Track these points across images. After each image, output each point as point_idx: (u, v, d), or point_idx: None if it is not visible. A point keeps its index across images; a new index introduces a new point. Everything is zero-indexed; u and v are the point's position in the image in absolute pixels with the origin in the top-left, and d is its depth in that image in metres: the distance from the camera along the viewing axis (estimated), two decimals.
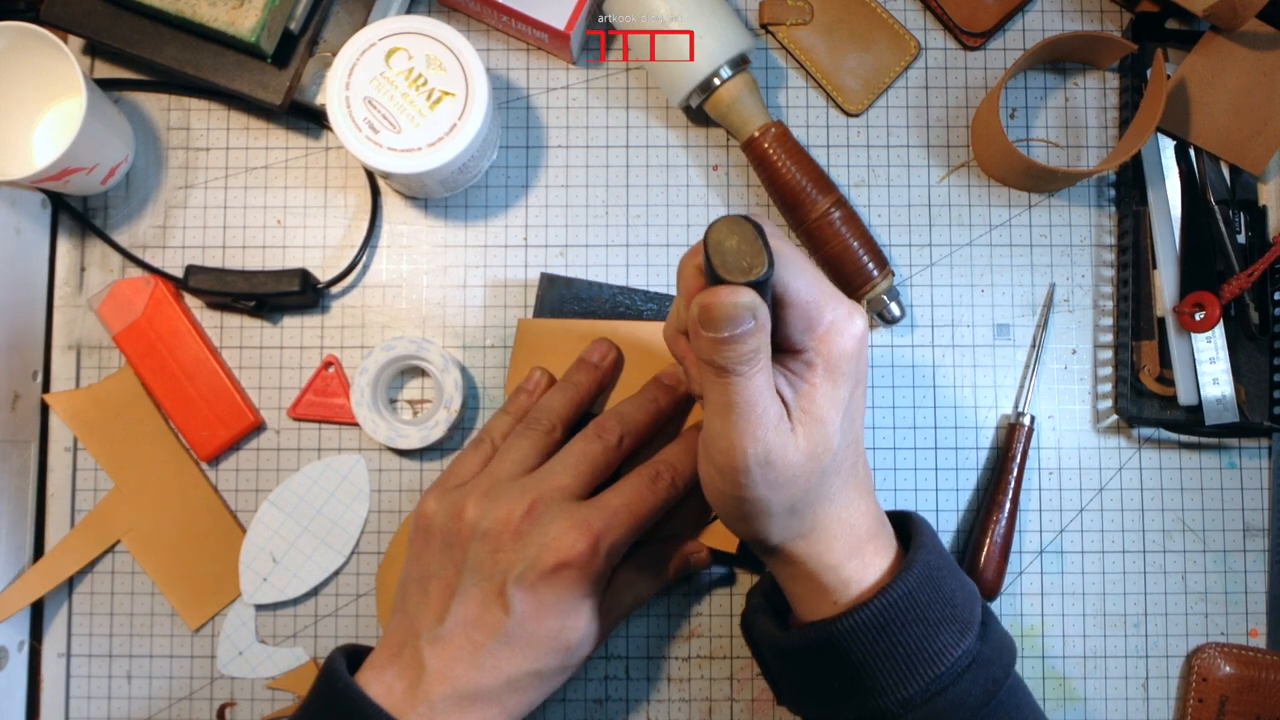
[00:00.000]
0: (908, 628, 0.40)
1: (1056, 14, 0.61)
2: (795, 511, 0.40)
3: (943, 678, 0.41)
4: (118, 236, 0.59)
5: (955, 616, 0.42)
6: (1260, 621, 0.58)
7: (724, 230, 0.36)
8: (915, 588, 0.41)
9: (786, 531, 0.41)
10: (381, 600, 0.57)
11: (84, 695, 0.57)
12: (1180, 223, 0.58)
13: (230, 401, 0.57)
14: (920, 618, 0.41)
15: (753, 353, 0.37)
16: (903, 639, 0.40)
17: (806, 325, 0.39)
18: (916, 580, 0.41)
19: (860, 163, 0.60)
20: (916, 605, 0.41)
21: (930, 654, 0.41)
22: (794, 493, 0.40)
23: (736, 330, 0.36)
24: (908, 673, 0.40)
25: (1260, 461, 0.59)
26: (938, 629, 0.41)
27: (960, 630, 0.41)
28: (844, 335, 0.40)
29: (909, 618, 0.41)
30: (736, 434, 0.38)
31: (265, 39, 0.53)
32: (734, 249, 0.36)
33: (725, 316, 0.36)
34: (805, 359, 0.39)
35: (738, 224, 0.36)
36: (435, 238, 0.59)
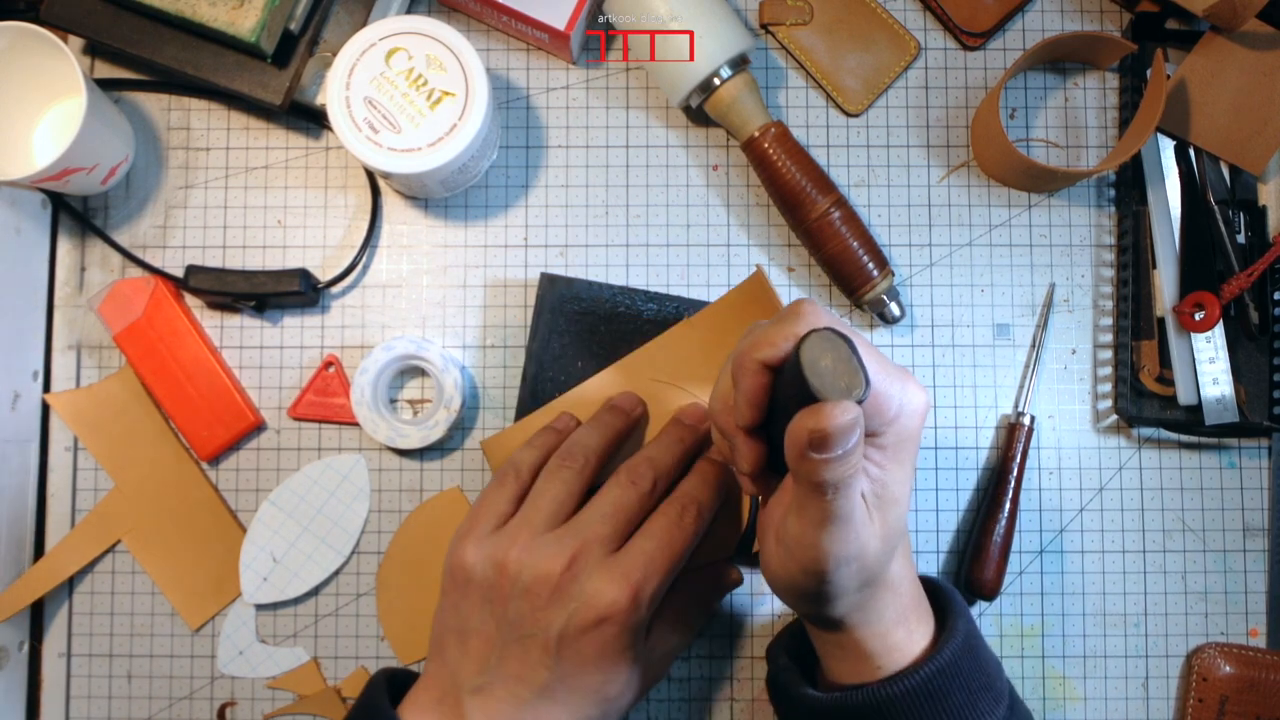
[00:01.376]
0: (952, 695, 0.41)
1: (1056, 14, 0.61)
2: (864, 585, 0.41)
3: None
4: (118, 236, 0.59)
5: (991, 685, 0.43)
6: (1260, 621, 0.58)
7: (818, 349, 0.35)
8: (959, 655, 0.42)
9: (850, 606, 0.41)
10: (382, 600, 0.57)
11: (84, 695, 0.57)
12: (1180, 223, 0.58)
13: (230, 401, 0.57)
14: (964, 685, 0.42)
15: (855, 467, 0.37)
16: (947, 706, 0.41)
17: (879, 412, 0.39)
18: (960, 648, 0.42)
19: (860, 163, 0.60)
20: (960, 673, 0.42)
21: None
22: (866, 576, 0.40)
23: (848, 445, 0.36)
24: None
25: (1260, 461, 0.59)
26: (978, 696, 0.42)
27: (995, 698, 0.43)
28: (912, 415, 0.40)
29: (954, 685, 0.41)
30: (830, 541, 0.38)
31: (265, 39, 0.53)
32: (830, 369, 0.35)
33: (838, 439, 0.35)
34: (879, 443, 0.39)
35: (830, 341, 0.35)
36: (435, 238, 0.59)
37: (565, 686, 0.43)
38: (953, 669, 0.42)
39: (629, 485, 0.47)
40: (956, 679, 0.42)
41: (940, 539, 0.58)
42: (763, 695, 0.57)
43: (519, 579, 0.44)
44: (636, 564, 0.44)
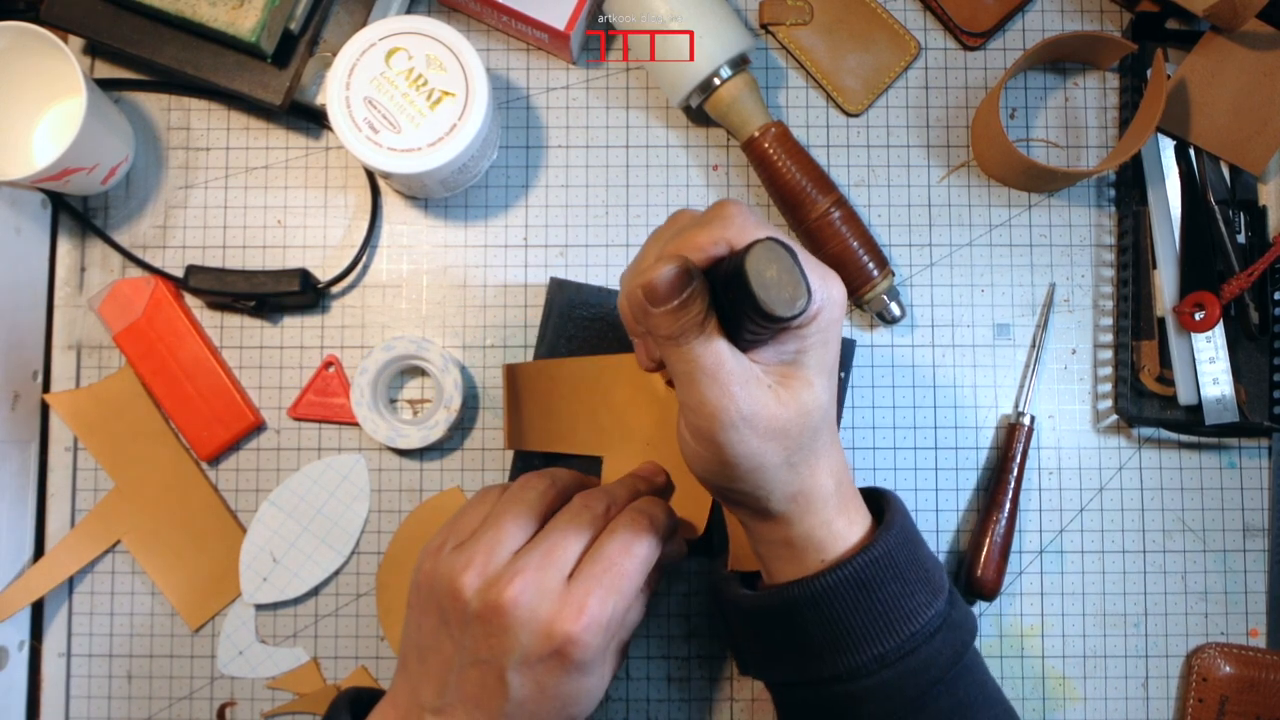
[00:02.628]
0: (887, 584, 0.42)
1: (1056, 14, 0.61)
2: (792, 465, 0.41)
3: (916, 636, 0.42)
4: (118, 236, 0.59)
5: (929, 579, 0.43)
6: (1260, 621, 0.58)
7: (764, 260, 0.35)
8: (894, 547, 0.42)
9: (786, 487, 0.41)
10: (382, 601, 0.57)
11: (84, 695, 0.57)
12: (1180, 223, 0.58)
13: (230, 401, 0.57)
14: (898, 575, 0.42)
15: (700, 314, 0.38)
16: (881, 596, 0.42)
17: None
18: (895, 540, 0.43)
19: (860, 163, 0.60)
20: (895, 564, 0.42)
21: (906, 612, 0.42)
22: (789, 445, 0.40)
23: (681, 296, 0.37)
24: (884, 629, 0.42)
25: (1260, 461, 0.59)
26: (914, 589, 0.42)
27: (933, 592, 0.43)
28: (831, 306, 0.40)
29: (888, 575, 0.42)
30: (712, 395, 0.38)
31: (265, 39, 0.53)
32: (775, 280, 0.35)
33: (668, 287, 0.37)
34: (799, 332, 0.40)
35: (775, 252, 0.35)
36: (435, 238, 0.59)
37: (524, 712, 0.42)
38: (887, 559, 0.42)
39: (582, 509, 0.45)
40: (890, 569, 0.42)
41: (940, 539, 0.58)
42: (763, 695, 0.57)
43: (470, 605, 0.43)
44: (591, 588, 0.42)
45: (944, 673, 0.42)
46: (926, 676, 0.42)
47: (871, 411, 0.59)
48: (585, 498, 0.46)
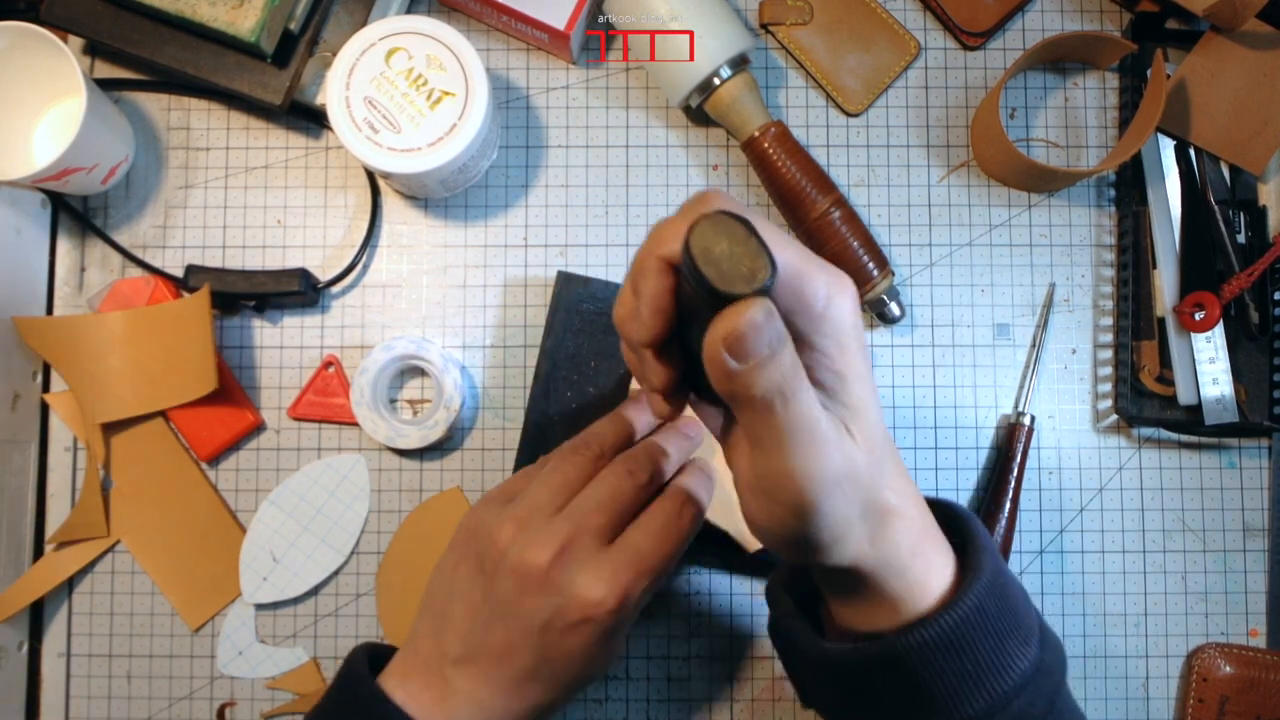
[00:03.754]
0: (978, 643, 0.37)
1: (1056, 14, 0.61)
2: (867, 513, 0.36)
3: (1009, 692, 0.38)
4: (118, 236, 0.59)
5: (1020, 625, 0.38)
6: (1260, 621, 0.58)
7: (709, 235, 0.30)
8: (984, 599, 0.37)
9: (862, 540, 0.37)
10: (382, 601, 0.57)
11: (84, 695, 0.57)
12: (1180, 223, 0.58)
13: (230, 401, 0.57)
14: (990, 631, 0.37)
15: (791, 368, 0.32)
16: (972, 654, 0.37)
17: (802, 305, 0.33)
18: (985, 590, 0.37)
19: (860, 163, 0.60)
20: (986, 618, 0.37)
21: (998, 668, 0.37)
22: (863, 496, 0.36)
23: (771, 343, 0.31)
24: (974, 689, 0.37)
25: (1260, 461, 0.59)
26: (1005, 641, 0.37)
27: (1024, 640, 0.38)
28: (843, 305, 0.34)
29: (980, 632, 0.37)
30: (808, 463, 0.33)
31: (265, 39, 0.53)
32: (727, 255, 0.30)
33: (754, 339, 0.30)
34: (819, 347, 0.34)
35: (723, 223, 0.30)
36: (435, 238, 0.59)
37: (548, 672, 0.43)
38: (978, 615, 0.37)
39: (626, 476, 0.45)
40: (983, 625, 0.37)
41: None
42: (763, 695, 0.57)
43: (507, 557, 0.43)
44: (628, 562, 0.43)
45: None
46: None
47: None
48: (629, 461, 0.46)
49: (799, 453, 0.33)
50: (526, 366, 0.58)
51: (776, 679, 0.57)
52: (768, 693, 0.57)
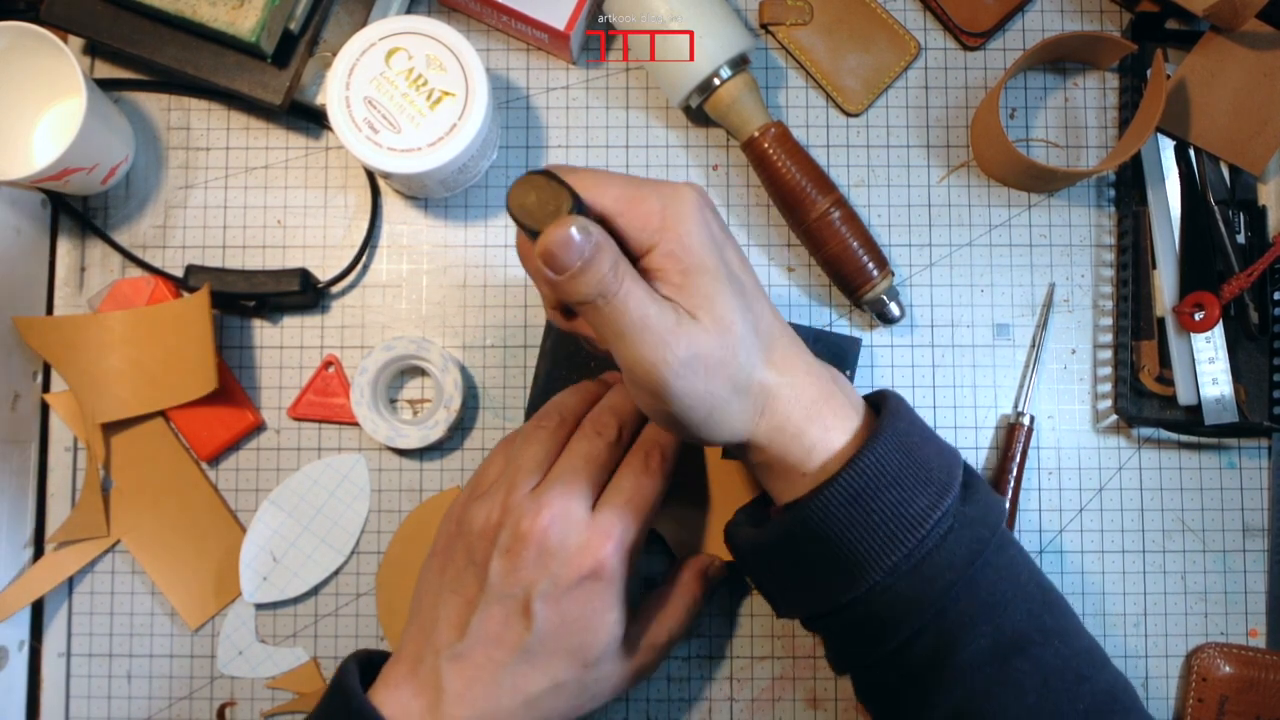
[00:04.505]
0: (881, 493, 0.40)
1: (1056, 14, 0.61)
2: (740, 390, 0.40)
3: (925, 542, 0.40)
4: (118, 236, 0.59)
5: (931, 479, 0.41)
6: (1260, 621, 0.58)
7: (520, 193, 0.37)
8: (885, 454, 0.40)
9: (745, 414, 0.40)
10: (382, 600, 0.57)
11: (84, 695, 0.57)
12: (1180, 223, 0.58)
13: (230, 401, 0.57)
14: (894, 483, 0.40)
15: (611, 268, 0.37)
16: (877, 506, 0.40)
17: (641, 222, 0.39)
18: (886, 446, 0.41)
19: (860, 163, 0.60)
20: (888, 471, 0.40)
21: (909, 519, 0.40)
22: (729, 372, 0.39)
23: (583, 254, 0.36)
24: (888, 541, 0.40)
25: (1260, 461, 0.59)
26: (914, 493, 0.40)
27: (938, 492, 0.41)
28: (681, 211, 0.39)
29: (882, 483, 0.40)
30: (648, 350, 0.37)
31: (265, 39, 0.53)
32: (536, 202, 0.37)
33: (562, 249, 0.36)
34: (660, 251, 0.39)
35: (529, 180, 0.37)
36: (435, 238, 0.60)
37: (545, 649, 0.43)
38: (877, 467, 0.40)
39: (595, 436, 0.47)
40: (884, 477, 0.40)
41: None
42: (763, 695, 0.57)
43: (498, 539, 0.44)
44: (613, 518, 0.44)
45: (961, 573, 0.40)
46: (943, 580, 0.40)
47: None
48: (594, 422, 0.48)
49: (636, 343, 0.37)
50: (526, 366, 0.58)
51: (776, 679, 0.57)
52: (768, 693, 0.57)
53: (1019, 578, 0.43)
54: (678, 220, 0.39)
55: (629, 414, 0.48)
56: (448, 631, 0.44)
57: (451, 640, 0.44)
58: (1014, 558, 0.43)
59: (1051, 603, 0.43)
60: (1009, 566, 0.43)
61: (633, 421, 0.49)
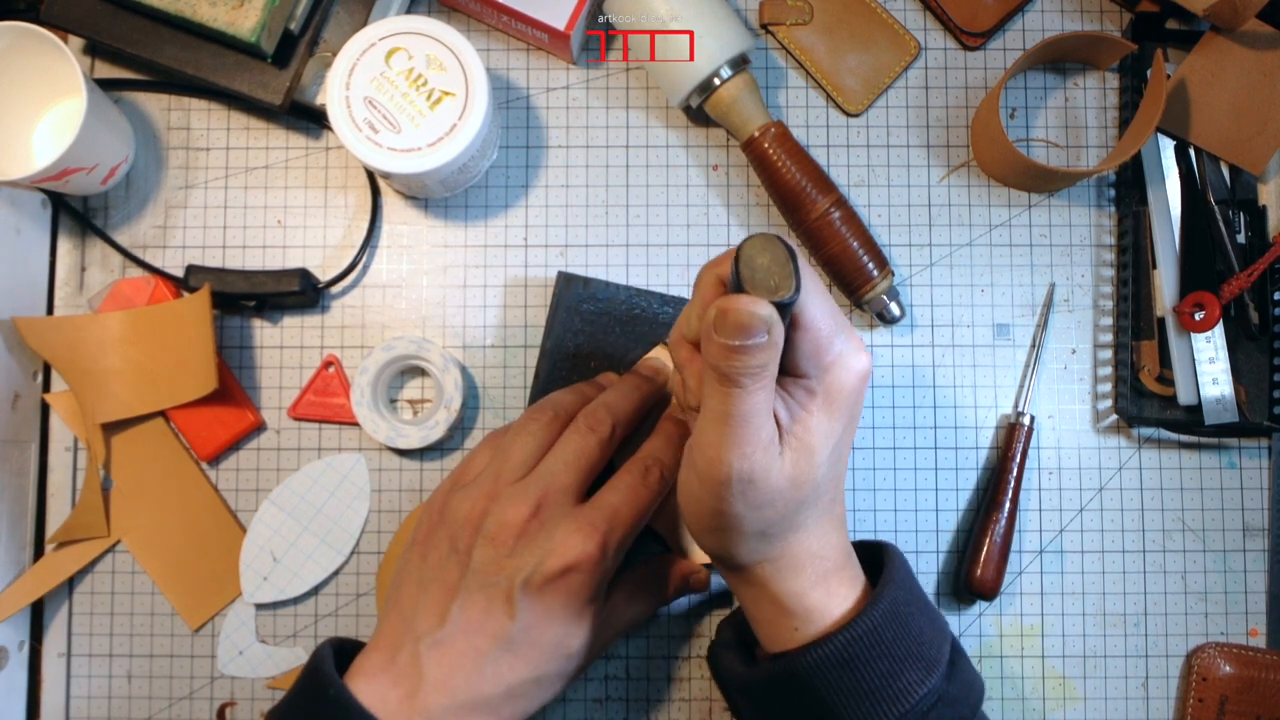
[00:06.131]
0: (872, 664, 0.40)
1: (1056, 14, 0.61)
2: (766, 536, 0.40)
3: (907, 716, 0.40)
4: (118, 236, 0.59)
5: (921, 654, 0.41)
6: (1260, 621, 0.58)
7: (758, 246, 0.37)
8: (881, 623, 0.41)
9: (754, 554, 0.41)
10: (382, 601, 0.57)
11: (84, 695, 0.57)
12: (1180, 223, 0.58)
13: (230, 401, 0.57)
14: (885, 654, 0.40)
15: (760, 367, 0.37)
16: (866, 674, 0.40)
17: (815, 353, 0.39)
18: (882, 616, 0.41)
19: (860, 163, 0.60)
20: (881, 641, 0.40)
21: (895, 692, 0.40)
22: (769, 516, 0.39)
23: (750, 341, 0.36)
24: (871, 710, 0.40)
25: (1260, 461, 0.59)
26: (903, 666, 0.41)
27: (926, 669, 0.41)
28: (850, 370, 0.40)
29: (874, 654, 0.40)
30: (727, 445, 0.38)
31: (265, 39, 0.53)
32: (764, 267, 0.36)
33: (742, 325, 0.36)
34: (807, 386, 0.40)
35: (772, 243, 0.37)
36: (435, 238, 0.60)
37: (527, 638, 0.43)
38: (872, 636, 0.40)
39: (588, 432, 0.47)
40: (876, 647, 0.40)
41: (940, 539, 0.58)
42: None
43: (484, 526, 0.44)
44: (602, 516, 0.44)
45: None
46: None
47: (871, 411, 0.59)
48: (589, 418, 0.48)
49: (726, 432, 0.37)
50: (526, 366, 0.58)
51: None
52: None
53: None
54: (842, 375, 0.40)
55: (624, 414, 0.49)
56: (428, 619, 0.43)
57: (432, 627, 0.43)
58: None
59: None
60: None
61: (627, 423, 0.49)
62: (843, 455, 0.42)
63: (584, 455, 0.46)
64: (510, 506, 0.44)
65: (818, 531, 0.42)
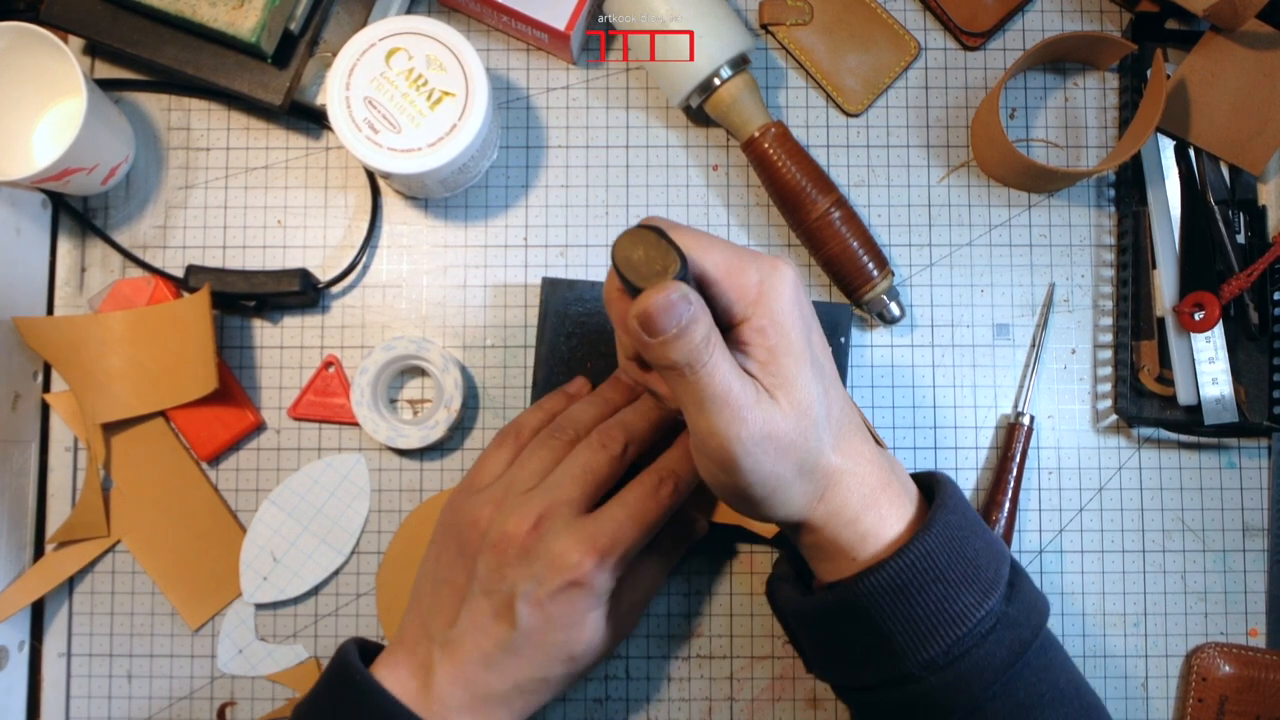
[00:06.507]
0: (927, 588, 0.40)
1: (1056, 14, 0.61)
2: (805, 472, 0.40)
3: (965, 640, 0.40)
4: (118, 236, 0.59)
5: (978, 577, 0.41)
6: (1260, 621, 0.58)
7: (627, 245, 0.37)
8: (934, 548, 0.40)
9: (805, 497, 0.41)
10: (382, 600, 0.57)
11: (84, 695, 0.57)
12: (1180, 223, 0.58)
13: (230, 401, 0.57)
14: (940, 578, 0.40)
15: (704, 340, 0.37)
16: (921, 600, 0.40)
17: (738, 293, 0.39)
18: (935, 540, 0.40)
19: (860, 163, 0.60)
20: (935, 566, 0.40)
21: (951, 615, 0.40)
22: (798, 455, 0.39)
23: (675, 324, 0.36)
24: (929, 635, 0.40)
25: (1260, 461, 0.59)
26: (959, 590, 0.40)
27: (983, 591, 0.41)
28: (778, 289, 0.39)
29: (928, 578, 0.40)
30: (723, 424, 0.38)
31: (265, 39, 0.53)
32: (643, 259, 0.37)
33: (658, 315, 0.36)
34: (752, 326, 0.39)
35: (638, 234, 0.37)
36: (435, 238, 0.60)
37: (530, 644, 0.44)
38: (925, 561, 0.40)
39: (600, 448, 0.47)
40: (930, 571, 0.40)
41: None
42: (763, 695, 0.57)
43: (488, 535, 0.45)
44: (605, 530, 0.44)
45: (1000, 674, 0.40)
46: (980, 680, 0.40)
47: (871, 412, 0.59)
48: (602, 434, 0.48)
49: (714, 414, 0.38)
50: (526, 366, 0.58)
51: (776, 679, 0.57)
52: (768, 693, 0.57)
53: (1057, 682, 0.43)
54: (773, 297, 0.39)
55: (639, 433, 0.48)
56: (441, 619, 0.45)
57: (444, 627, 0.45)
58: (1053, 660, 0.43)
59: (1088, 707, 0.43)
60: (1048, 670, 0.42)
61: (641, 441, 0.49)
62: (825, 362, 0.42)
63: (591, 470, 0.46)
64: (512, 517, 0.44)
65: (847, 446, 0.41)
